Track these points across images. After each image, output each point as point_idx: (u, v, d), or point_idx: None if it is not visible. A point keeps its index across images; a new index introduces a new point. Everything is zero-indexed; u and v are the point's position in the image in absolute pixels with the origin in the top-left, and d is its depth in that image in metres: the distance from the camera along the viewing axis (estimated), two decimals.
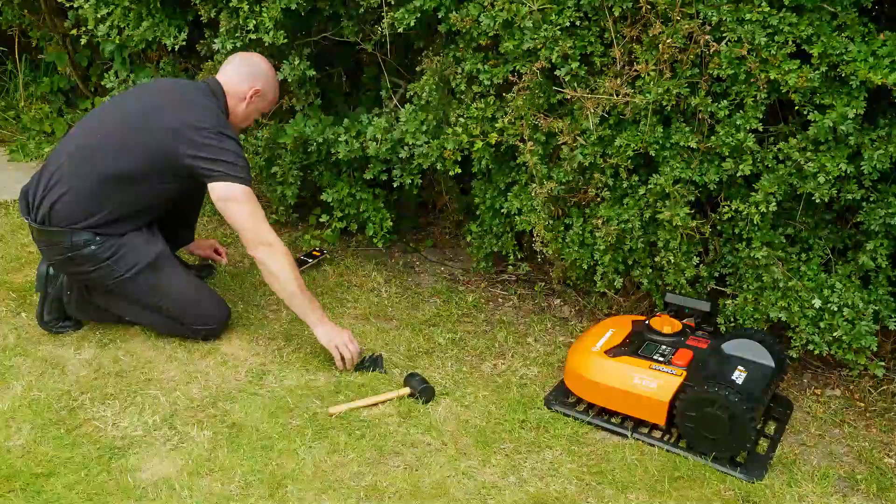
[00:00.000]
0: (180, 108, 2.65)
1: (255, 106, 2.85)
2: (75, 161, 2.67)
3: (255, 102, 2.83)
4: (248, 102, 2.81)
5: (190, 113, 2.64)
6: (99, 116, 2.82)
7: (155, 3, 3.26)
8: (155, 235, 2.79)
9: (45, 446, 2.33)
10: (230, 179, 2.59)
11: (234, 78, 2.80)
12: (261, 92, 2.82)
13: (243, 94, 2.79)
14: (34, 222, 2.70)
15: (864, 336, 2.44)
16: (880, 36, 2.23)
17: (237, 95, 2.79)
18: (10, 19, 4.55)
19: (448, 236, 3.67)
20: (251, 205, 2.61)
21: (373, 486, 2.23)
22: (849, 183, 2.40)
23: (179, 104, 2.67)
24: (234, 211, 2.61)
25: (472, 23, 2.67)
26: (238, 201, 2.60)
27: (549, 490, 2.24)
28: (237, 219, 2.62)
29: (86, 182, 2.64)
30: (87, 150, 2.68)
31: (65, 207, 2.64)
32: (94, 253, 2.67)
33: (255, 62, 2.85)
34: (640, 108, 2.51)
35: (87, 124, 2.79)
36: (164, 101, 2.70)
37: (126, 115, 2.71)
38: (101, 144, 2.67)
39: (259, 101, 2.84)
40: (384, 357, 2.79)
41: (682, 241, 2.62)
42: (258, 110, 2.89)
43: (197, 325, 2.81)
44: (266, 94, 2.85)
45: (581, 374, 2.51)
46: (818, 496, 2.24)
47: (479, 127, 2.81)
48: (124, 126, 2.67)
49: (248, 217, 2.61)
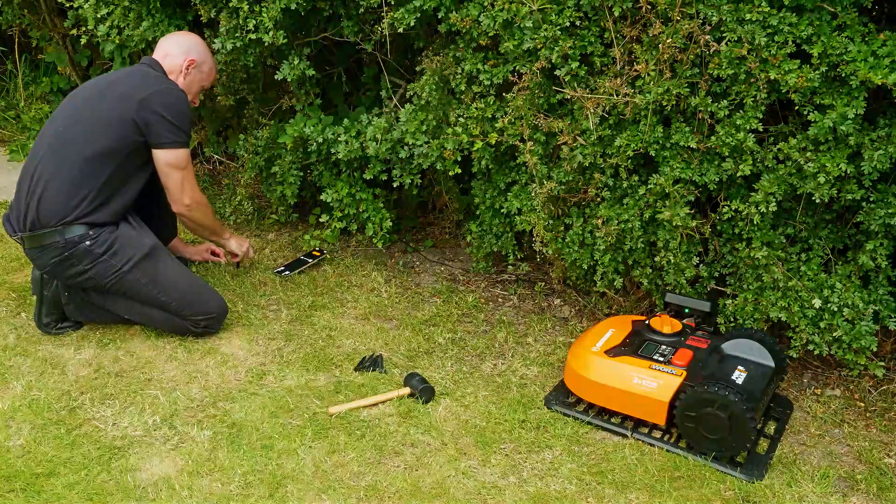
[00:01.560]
0: (132, 79, 2.81)
1: (193, 77, 2.92)
2: (52, 157, 2.72)
3: (191, 74, 2.91)
4: (185, 74, 2.89)
5: (142, 80, 2.79)
6: (62, 112, 2.86)
7: (155, 3, 3.27)
8: (146, 228, 2.85)
9: (45, 446, 2.33)
10: (176, 146, 2.75)
11: (168, 54, 2.89)
12: (195, 62, 2.90)
13: (179, 67, 2.88)
14: (25, 231, 2.73)
15: (864, 336, 2.44)
16: (880, 36, 2.23)
17: (174, 70, 2.88)
18: (10, 19, 4.56)
19: (448, 236, 3.67)
20: (188, 170, 2.83)
21: (373, 486, 2.23)
22: (849, 183, 2.40)
23: (131, 76, 2.83)
24: (172, 175, 2.79)
25: (472, 23, 2.67)
26: (179, 167, 2.79)
27: (549, 490, 2.24)
28: (172, 181, 2.80)
29: (66, 170, 2.69)
30: (58, 143, 2.74)
31: (51, 201, 2.67)
32: (89, 249, 2.68)
33: (183, 36, 2.97)
34: (640, 108, 2.50)
35: (53, 124, 2.83)
36: (116, 79, 2.86)
37: (84, 100, 2.82)
38: (70, 134, 2.74)
39: (195, 72, 2.93)
40: (384, 357, 2.79)
41: (682, 241, 2.62)
42: (198, 82, 2.96)
43: (198, 316, 2.82)
44: (202, 65, 2.93)
45: (581, 374, 2.51)
46: (818, 496, 2.24)
47: (479, 127, 2.81)
48: (86, 109, 2.78)
49: (185, 181, 2.82)
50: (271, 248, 3.55)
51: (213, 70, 3.02)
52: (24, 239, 2.75)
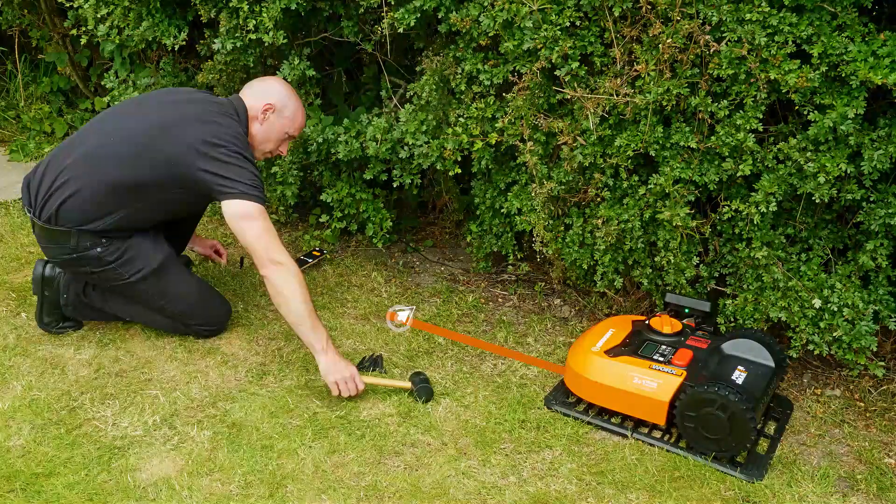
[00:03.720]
0: (201, 123, 2.60)
1: (272, 123, 2.75)
2: (87, 164, 2.62)
3: (270, 119, 2.74)
4: (263, 120, 2.74)
5: (211, 128, 2.59)
6: (116, 120, 2.74)
7: (155, 3, 3.26)
8: (160, 239, 2.77)
9: (45, 446, 2.33)
10: (245, 197, 2.53)
11: (249, 97, 2.75)
12: (275, 107, 2.74)
13: (257, 112, 2.73)
14: (39, 220, 2.67)
15: (864, 336, 2.44)
16: (880, 36, 2.23)
17: (253, 115, 2.74)
18: (10, 19, 4.55)
19: (448, 236, 3.67)
20: (265, 222, 2.54)
21: (373, 486, 2.23)
22: (849, 183, 2.40)
23: (201, 118, 2.62)
24: (245, 228, 2.53)
25: (472, 23, 2.67)
26: (252, 218, 2.53)
27: (549, 490, 2.24)
28: (249, 236, 2.53)
29: (96, 187, 2.60)
30: (100, 153, 2.62)
31: (73, 209, 2.61)
32: (99, 255, 2.66)
33: (267, 81, 2.82)
34: (640, 108, 2.50)
35: (102, 126, 2.72)
36: (187, 114, 2.64)
37: (145, 125, 2.64)
38: (115, 151, 2.61)
39: (275, 117, 2.74)
40: (384, 357, 2.79)
41: (682, 241, 2.62)
42: (279, 129, 2.78)
43: (202, 326, 2.83)
44: (282, 110, 2.75)
45: (581, 374, 2.51)
46: (818, 496, 2.24)
47: (479, 127, 2.81)
48: (142, 135, 2.61)
49: (263, 234, 2.53)
50: None
51: (299, 115, 2.81)
52: (35, 224, 2.69)
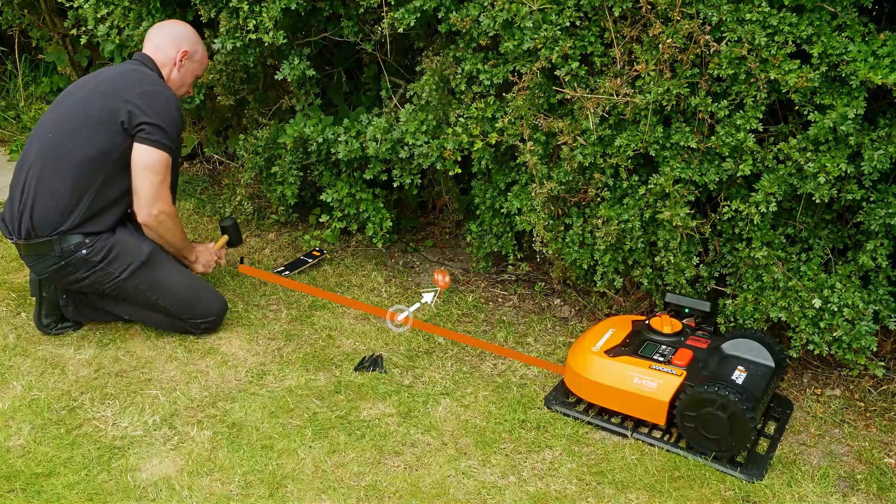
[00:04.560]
0: (122, 78, 2.73)
1: (187, 69, 2.88)
2: (42, 164, 2.67)
3: (185, 65, 2.87)
4: (179, 66, 2.85)
5: (131, 79, 2.72)
6: (54, 112, 2.80)
7: (155, 3, 3.27)
8: (143, 233, 2.79)
9: (45, 446, 2.33)
10: (158, 146, 2.65)
11: (159, 47, 2.84)
12: (189, 52, 2.86)
13: (173, 60, 2.84)
14: (20, 239, 2.69)
15: (864, 336, 2.44)
16: (880, 36, 2.23)
17: (167, 63, 2.84)
18: (10, 19, 4.56)
19: (448, 236, 3.67)
20: (165, 176, 2.69)
21: (373, 486, 2.23)
22: (849, 183, 2.40)
23: (122, 76, 2.75)
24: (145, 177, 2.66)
25: (472, 23, 2.67)
26: (156, 172, 2.67)
27: (549, 490, 2.24)
28: (146, 185, 2.67)
29: (58, 178, 2.64)
30: (48, 149, 2.68)
31: (45, 211, 2.63)
32: (85, 257, 2.66)
33: (173, 27, 2.91)
34: (640, 108, 2.50)
35: (39, 132, 2.76)
36: (104, 78, 2.77)
37: (73, 102, 2.74)
38: (60, 138, 2.68)
39: (189, 62, 2.88)
40: (384, 357, 2.79)
41: (682, 241, 2.62)
42: (191, 73, 2.92)
43: (198, 319, 2.82)
44: (194, 54, 2.89)
45: (581, 374, 2.51)
46: (818, 496, 2.24)
47: (479, 127, 2.81)
48: (74, 111, 2.71)
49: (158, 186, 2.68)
50: (271, 248, 3.55)
51: (206, 57, 2.98)
52: (19, 245, 2.73)
